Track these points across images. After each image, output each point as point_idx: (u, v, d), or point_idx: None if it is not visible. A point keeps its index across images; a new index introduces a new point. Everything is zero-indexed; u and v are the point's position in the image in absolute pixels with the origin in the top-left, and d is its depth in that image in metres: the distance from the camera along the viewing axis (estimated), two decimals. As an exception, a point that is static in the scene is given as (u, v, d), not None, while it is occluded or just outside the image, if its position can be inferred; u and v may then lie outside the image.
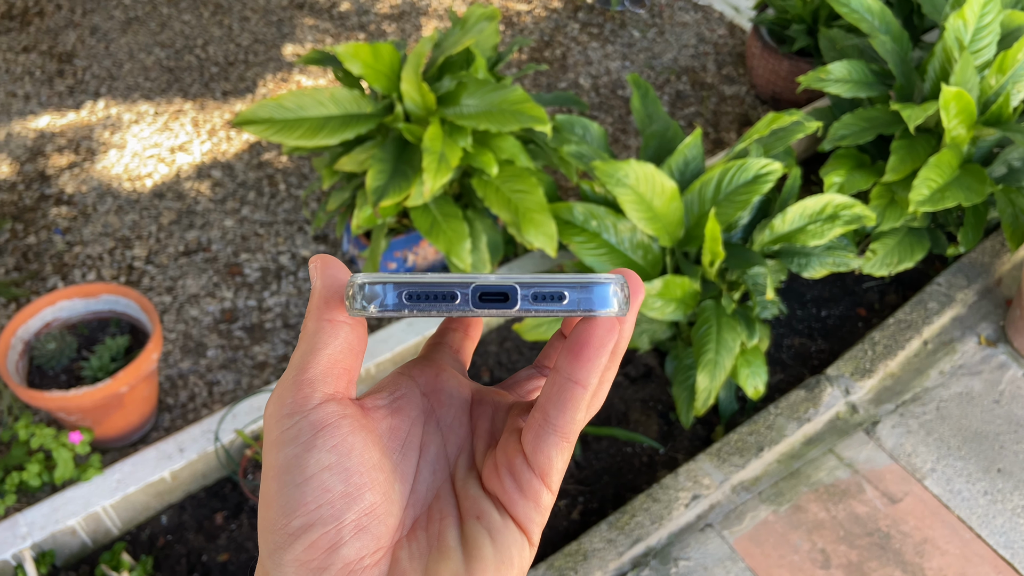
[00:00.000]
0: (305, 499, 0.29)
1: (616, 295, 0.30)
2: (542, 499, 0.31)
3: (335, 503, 0.29)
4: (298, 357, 0.31)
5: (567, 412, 0.30)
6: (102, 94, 2.55)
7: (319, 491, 0.29)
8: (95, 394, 1.56)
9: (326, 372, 0.31)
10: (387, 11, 2.93)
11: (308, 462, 0.29)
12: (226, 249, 2.11)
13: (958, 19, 1.82)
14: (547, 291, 0.30)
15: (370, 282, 0.30)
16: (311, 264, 0.33)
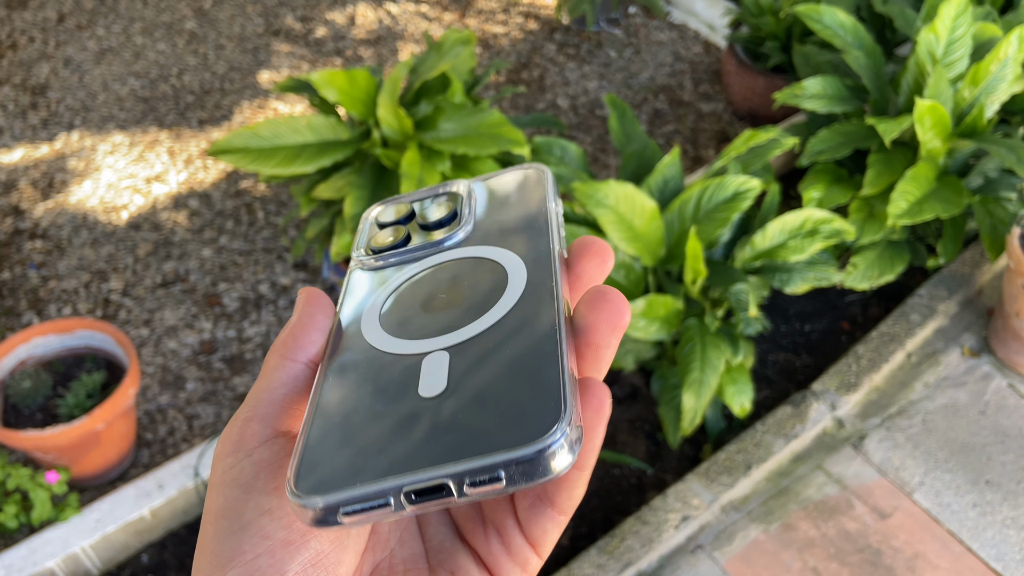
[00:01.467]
0: (242, 547, 0.26)
1: (561, 450, 0.25)
2: (530, 564, 0.29)
3: (275, 552, 0.26)
4: (253, 394, 0.29)
5: (565, 489, 0.28)
6: (76, 126, 2.52)
7: (257, 539, 0.26)
8: (71, 432, 1.53)
9: (280, 412, 0.29)
10: (363, 36, 2.93)
11: (247, 505, 0.27)
12: (204, 279, 2.09)
13: (930, 33, 1.83)
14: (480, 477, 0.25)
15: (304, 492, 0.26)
16: (298, 296, 0.32)
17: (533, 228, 0.35)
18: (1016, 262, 1.74)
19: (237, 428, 0.28)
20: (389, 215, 0.37)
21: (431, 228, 0.36)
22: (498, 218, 0.36)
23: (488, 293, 0.31)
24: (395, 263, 0.35)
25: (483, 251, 0.34)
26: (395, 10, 3.05)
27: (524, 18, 3.03)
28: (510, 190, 0.38)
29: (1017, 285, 1.75)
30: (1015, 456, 1.71)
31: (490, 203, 0.37)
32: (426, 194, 0.38)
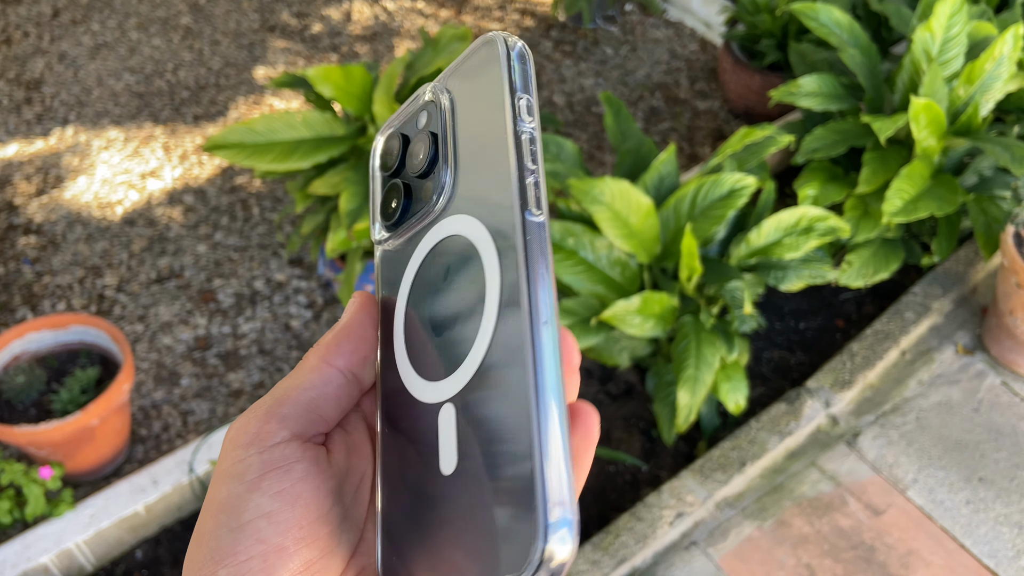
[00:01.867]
0: (236, 547, 0.26)
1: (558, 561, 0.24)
2: None
3: (268, 557, 0.26)
4: (281, 388, 0.29)
5: None
6: (71, 121, 2.52)
7: (252, 541, 0.27)
8: (65, 428, 1.52)
9: (302, 415, 0.29)
10: (359, 32, 2.92)
11: (248, 505, 0.27)
12: (199, 275, 2.08)
13: (925, 31, 1.84)
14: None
15: None
16: (351, 299, 0.32)
17: (494, 176, 0.29)
18: (1010, 260, 1.74)
19: (256, 422, 0.28)
20: (388, 159, 0.35)
21: (422, 176, 0.33)
22: (466, 154, 0.31)
23: (472, 304, 0.29)
24: (404, 239, 0.33)
25: (460, 225, 0.31)
26: (391, 6, 3.05)
27: (520, 15, 3.03)
28: (472, 93, 0.32)
29: (1011, 283, 1.76)
30: (1008, 454, 1.72)
31: (461, 121, 0.32)
32: (411, 112, 0.34)
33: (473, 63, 0.32)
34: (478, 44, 0.32)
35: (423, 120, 0.33)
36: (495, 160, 0.29)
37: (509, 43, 0.31)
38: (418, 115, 0.34)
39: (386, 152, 0.35)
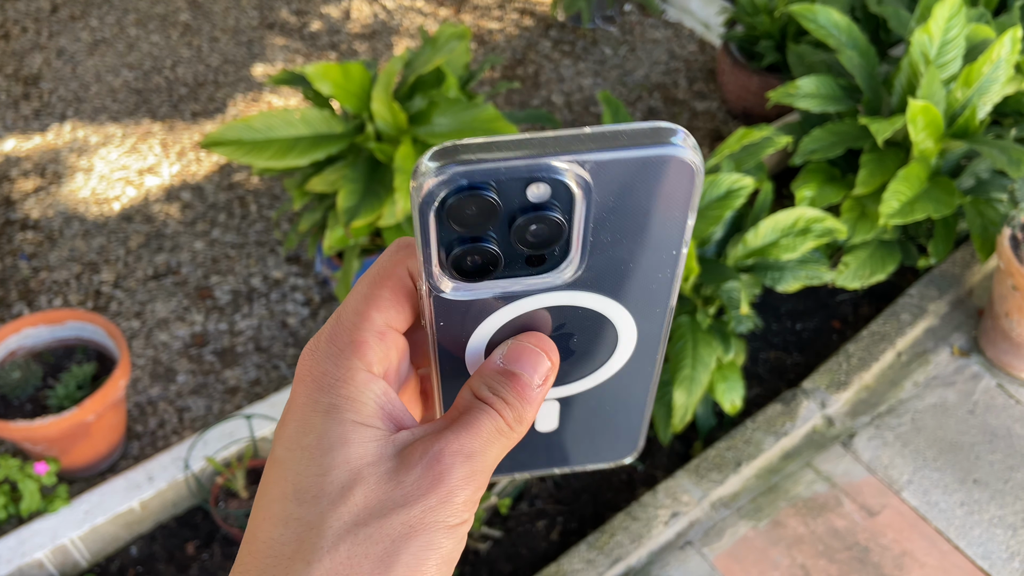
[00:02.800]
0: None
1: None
2: None
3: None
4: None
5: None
6: (69, 117, 2.51)
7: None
8: (61, 423, 1.52)
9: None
10: (358, 30, 2.92)
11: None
12: (196, 272, 2.08)
13: (923, 34, 1.84)
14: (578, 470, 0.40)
15: None
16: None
17: (656, 270, 0.30)
18: (1006, 263, 1.74)
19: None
20: (470, 221, 0.28)
21: (530, 252, 0.29)
22: (616, 247, 0.30)
23: (595, 352, 0.34)
24: (484, 291, 0.30)
25: (595, 302, 0.31)
26: (390, 5, 3.05)
27: (520, 14, 3.03)
28: (638, 192, 0.29)
29: (1007, 286, 1.76)
30: (1003, 456, 1.72)
31: (607, 218, 0.29)
32: (516, 172, 0.27)
33: (644, 165, 0.28)
34: (656, 149, 0.28)
35: (540, 192, 0.28)
36: (652, 264, 0.31)
37: (696, 162, 0.28)
38: (528, 183, 0.28)
39: (468, 211, 0.28)
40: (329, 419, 0.29)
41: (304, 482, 0.28)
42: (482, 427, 0.29)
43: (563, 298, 0.31)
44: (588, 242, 0.29)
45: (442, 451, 0.29)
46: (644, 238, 0.29)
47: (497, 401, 0.30)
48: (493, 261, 0.29)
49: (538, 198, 0.28)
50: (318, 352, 0.30)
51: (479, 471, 0.29)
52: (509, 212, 0.28)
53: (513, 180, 0.28)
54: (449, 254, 0.29)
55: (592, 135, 0.28)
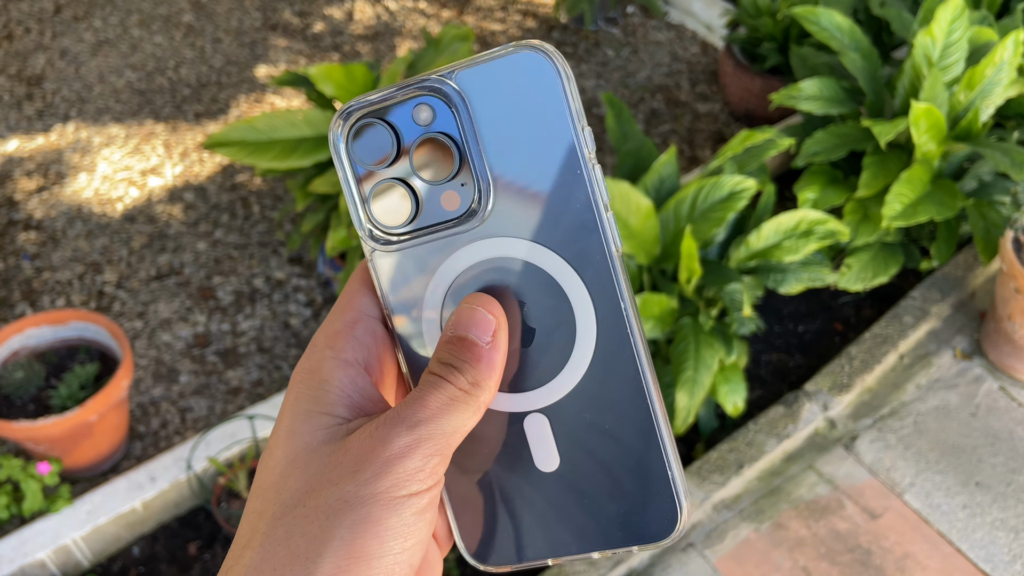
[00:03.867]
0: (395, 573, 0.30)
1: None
2: None
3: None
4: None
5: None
6: (72, 117, 2.52)
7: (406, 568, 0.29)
8: (63, 423, 1.53)
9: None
10: (361, 31, 2.92)
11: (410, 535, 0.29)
12: (199, 273, 2.09)
13: (926, 36, 1.84)
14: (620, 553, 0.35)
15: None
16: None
17: (567, 199, 0.30)
18: (1009, 265, 1.74)
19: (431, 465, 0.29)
20: (374, 152, 0.32)
21: (432, 183, 0.31)
22: (515, 172, 0.31)
23: (555, 327, 0.32)
24: (417, 246, 0.32)
25: (525, 252, 0.31)
26: (393, 6, 3.05)
27: (522, 16, 3.04)
28: (510, 101, 0.30)
29: (1010, 288, 1.76)
30: (1005, 458, 1.72)
31: (487, 131, 0.31)
32: (394, 99, 0.31)
33: (506, 70, 0.30)
34: (513, 52, 0.30)
35: (423, 115, 0.31)
36: (563, 189, 0.30)
37: (559, 62, 0.30)
38: (413, 107, 0.31)
39: (370, 143, 0.32)
40: (290, 412, 0.30)
41: (259, 477, 0.29)
42: (428, 397, 0.29)
43: (492, 249, 0.31)
44: (486, 169, 0.31)
45: (380, 424, 0.28)
46: (536, 157, 0.30)
47: (445, 369, 0.30)
48: (405, 198, 0.32)
49: (425, 121, 0.31)
50: (307, 349, 0.32)
51: (427, 439, 0.28)
52: (405, 144, 0.31)
53: (398, 107, 0.31)
54: (368, 200, 0.32)
55: (464, 61, 0.31)
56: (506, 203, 0.31)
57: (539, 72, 0.30)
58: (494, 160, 0.31)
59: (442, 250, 0.32)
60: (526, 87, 0.30)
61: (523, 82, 0.30)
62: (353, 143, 0.32)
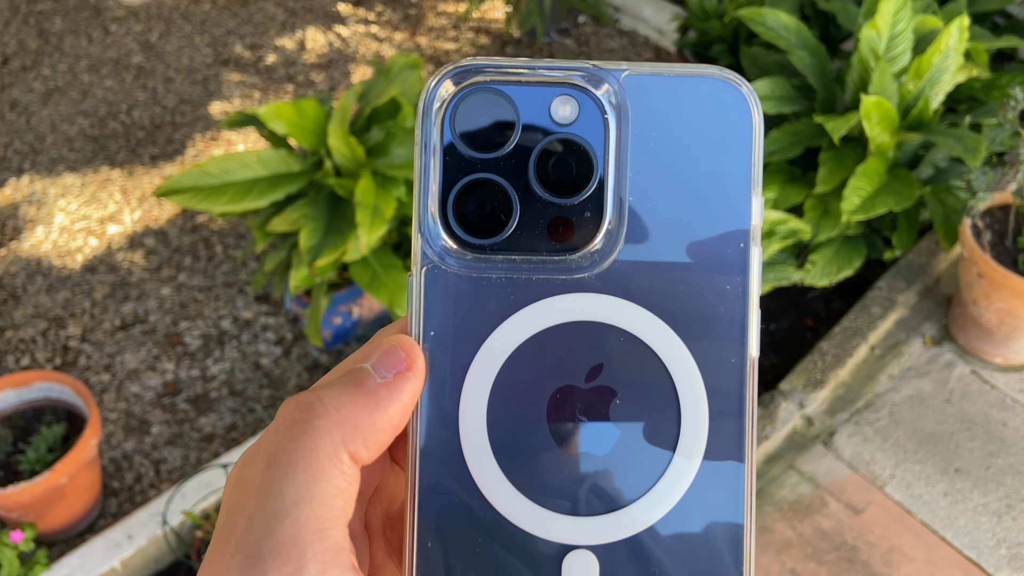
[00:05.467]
0: None
1: None
2: None
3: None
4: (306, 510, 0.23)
5: None
6: (25, 170, 2.48)
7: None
8: (33, 489, 1.50)
9: (345, 532, 0.24)
10: (314, 60, 2.91)
11: None
12: (164, 319, 2.06)
13: (871, 29, 1.85)
14: None
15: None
16: (383, 352, 0.25)
17: (717, 271, 0.24)
18: (970, 251, 1.76)
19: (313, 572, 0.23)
20: (486, 135, 0.24)
21: (546, 200, 0.24)
22: (660, 216, 0.24)
23: (648, 436, 0.24)
24: (494, 271, 0.24)
25: (639, 321, 0.24)
26: (345, 32, 3.04)
27: (475, 33, 3.03)
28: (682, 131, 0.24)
29: (972, 273, 1.77)
30: (982, 443, 1.73)
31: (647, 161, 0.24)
32: (537, 82, 0.24)
33: (689, 92, 0.24)
34: (704, 74, 0.24)
35: (565, 110, 0.24)
36: (714, 262, 0.24)
37: (755, 104, 0.24)
38: (554, 96, 0.24)
39: (484, 122, 0.24)
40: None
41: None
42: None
43: (595, 309, 0.24)
44: (625, 203, 0.24)
45: None
46: (693, 208, 0.23)
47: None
48: (505, 205, 0.24)
49: (564, 119, 0.24)
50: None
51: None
52: (528, 137, 0.23)
53: (531, 89, 0.23)
54: (452, 193, 0.24)
55: (638, 64, 0.24)
56: (634, 255, 0.24)
57: (731, 108, 0.24)
58: (638, 196, 0.24)
59: (524, 293, 0.24)
60: (709, 121, 0.24)
61: (707, 114, 0.24)
62: (458, 115, 0.24)
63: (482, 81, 0.24)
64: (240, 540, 0.23)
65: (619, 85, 0.24)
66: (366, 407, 0.24)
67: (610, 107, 0.24)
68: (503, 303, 0.24)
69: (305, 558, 0.23)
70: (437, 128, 0.24)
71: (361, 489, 0.27)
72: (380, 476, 0.28)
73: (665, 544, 0.23)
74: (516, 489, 0.24)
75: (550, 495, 0.24)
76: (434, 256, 0.24)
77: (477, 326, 0.24)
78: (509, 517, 0.24)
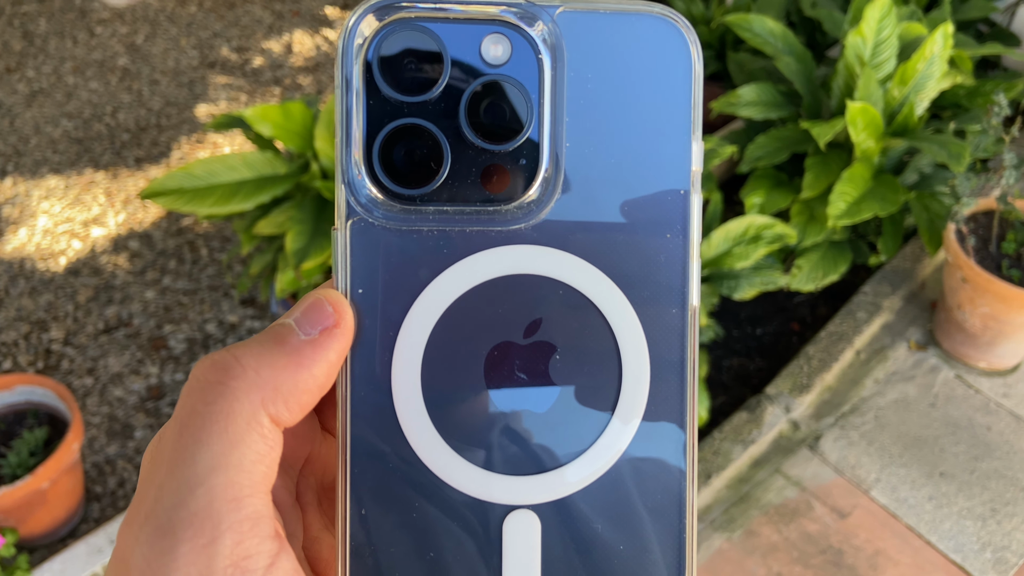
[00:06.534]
0: None
1: None
2: None
3: None
4: (222, 477, 0.22)
5: None
6: (9, 172, 2.46)
7: None
8: (15, 493, 1.48)
9: (265, 499, 0.23)
10: (301, 64, 2.90)
11: None
12: (148, 322, 2.04)
13: (856, 36, 1.87)
14: None
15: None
16: (307, 307, 0.23)
17: (656, 220, 0.23)
18: (954, 256, 1.77)
19: (227, 551, 0.21)
20: (411, 77, 0.22)
21: (479, 146, 0.23)
22: (595, 167, 0.23)
23: (589, 392, 0.23)
24: (424, 222, 0.23)
25: (579, 276, 0.23)
26: (332, 36, 3.03)
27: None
28: (619, 75, 0.23)
29: (956, 278, 1.79)
30: (967, 447, 1.74)
31: (583, 106, 0.23)
32: (466, 19, 0.22)
33: (625, 31, 0.23)
34: (640, 11, 0.23)
35: (496, 50, 0.23)
36: (654, 210, 0.23)
37: (694, 42, 0.23)
38: (484, 35, 0.22)
39: (410, 63, 0.22)
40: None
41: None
42: None
43: (532, 261, 0.23)
44: (561, 150, 0.23)
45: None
46: (631, 154, 0.23)
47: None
48: (435, 153, 0.22)
49: (496, 59, 0.22)
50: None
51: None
52: (458, 79, 0.22)
53: (460, 27, 0.22)
54: (378, 140, 0.22)
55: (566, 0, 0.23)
56: (572, 204, 0.23)
57: (669, 48, 0.23)
58: (575, 142, 0.23)
59: (457, 246, 0.23)
60: (646, 61, 0.23)
61: (644, 54, 0.23)
62: (382, 54, 0.22)
63: (407, 17, 0.22)
64: (149, 511, 0.22)
65: (553, 23, 0.22)
66: (287, 367, 0.22)
67: (544, 47, 0.23)
68: (435, 257, 0.23)
69: (220, 528, 0.21)
70: (359, 68, 0.22)
71: (291, 459, 0.26)
72: (310, 446, 0.27)
73: (607, 502, 0.23)
74: (454, 451, 0.23)
75: (489, 456, 0.23)
76: (360, 209, 0.23)
77: (408, 282, 0.23)
78: (447, 480, 0.23)
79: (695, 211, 0.23)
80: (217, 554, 0.21)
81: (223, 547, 0.21)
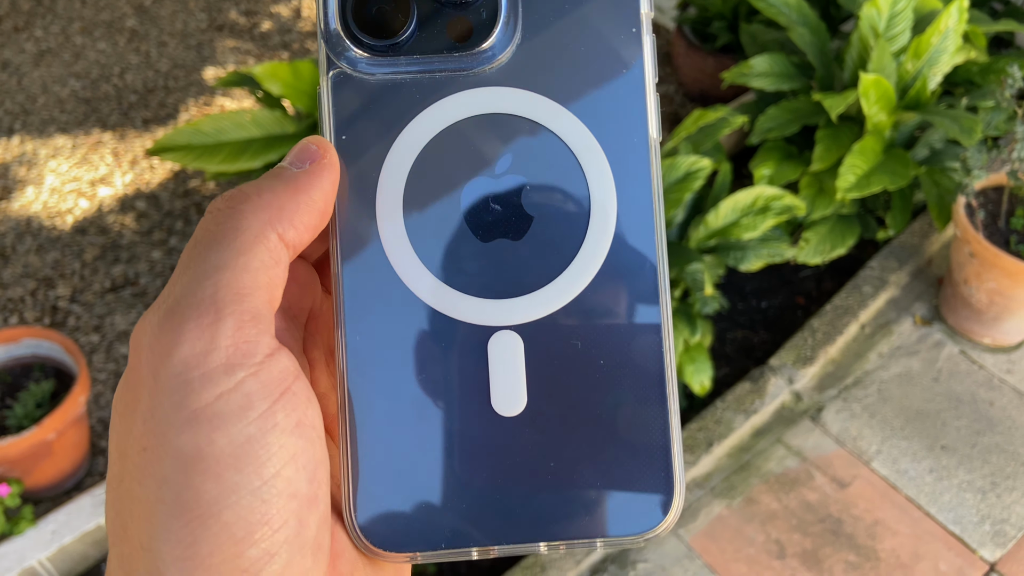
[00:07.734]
0: (269, 511, 0.21)
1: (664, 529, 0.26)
2: None
3: (301, 514, 0.22)
4: (223, 273, 0.23)
5: None
6: (16, 130, 2.46)
7: (285, 498, 0.22)
8: (21, 444, 1.49)
9: (268, 305, 0.24)
10: (310, 28, 2.88)
11: (270, 451, 0.22)
12: (155, 282, 2.05)
13: (872, 8, 1.85)
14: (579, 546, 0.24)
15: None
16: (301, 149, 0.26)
17: (613, 58, 0.25)
18: (963, 230, 1.77)
19: (224, 330, 0.22)
20: None
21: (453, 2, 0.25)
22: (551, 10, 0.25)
23: (560, 219, 0.25)
24: (397, 72, 0.25)
25: (542, 111, 0.25)
26: (341, 1, 3.01)
27: None
28: None
29: (964, 253, 1.78)
30: (968, 421, 1.74)
31: None
32: None
33: None
34: None
35: None
36: (610, 46, 0.24)
37: None
38: None
39: None
40: None
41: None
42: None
43: (497, 102, 0.25)
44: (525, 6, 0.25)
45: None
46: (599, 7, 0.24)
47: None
48: (403, 5, 0.24)
49: None
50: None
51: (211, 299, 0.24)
52: None
53: None
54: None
55: None
56: (532, 47, 0.25)
57: None
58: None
59: (427, 91, 0.25)
60: None
61: None
62: None
63: None
64: (161, 301, 0.24)
65: None
66: (287, 191, 0.24)
67: None
68: (410, 102, 0.25)
69: (222, 312, 0.22)
70: None
71: (295, 307, 0.27)
72: (313, 297, 0.28)
73: (585, 320, 0.25)
74: (438, 279, 0.25)
75: (471, 281, 0.25)
76: (339, 62, 0.25)
77: (386, 126, 0.25)
78: (434, 305, 0.25)
79: (647, 49, 0.25)
80: (220, 333, 0.22)
81: (225, 328, 0.22)
